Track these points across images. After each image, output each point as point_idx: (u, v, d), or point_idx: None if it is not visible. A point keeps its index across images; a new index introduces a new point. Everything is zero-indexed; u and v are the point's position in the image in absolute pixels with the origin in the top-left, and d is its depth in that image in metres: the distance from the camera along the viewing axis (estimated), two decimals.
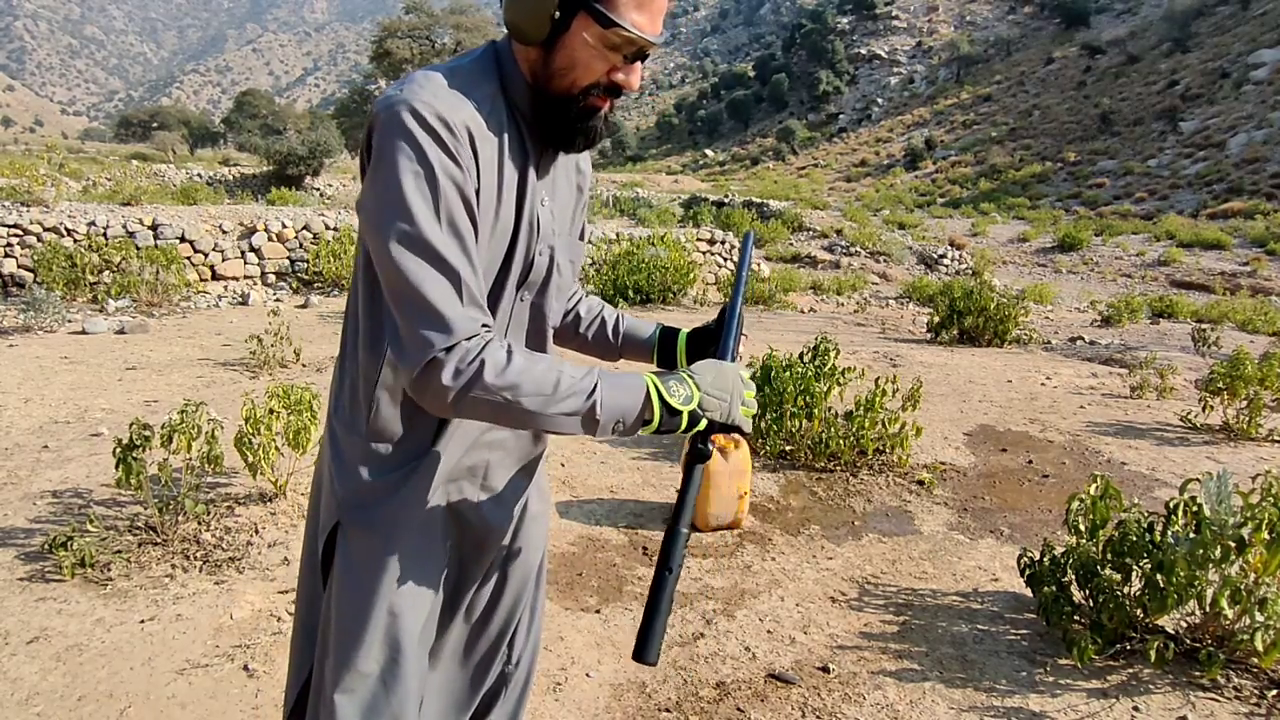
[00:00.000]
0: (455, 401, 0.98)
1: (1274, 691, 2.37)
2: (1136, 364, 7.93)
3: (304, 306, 9.64)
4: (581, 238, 1.32)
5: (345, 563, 1.16)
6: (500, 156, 1.08)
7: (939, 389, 6.44)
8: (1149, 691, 2.38)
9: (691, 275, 11.83)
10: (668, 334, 1.42)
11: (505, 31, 1.11)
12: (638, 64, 1.08)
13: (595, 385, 1.02)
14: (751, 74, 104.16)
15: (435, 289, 0.97)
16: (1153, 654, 2.32)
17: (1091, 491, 2.67)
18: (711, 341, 1.35)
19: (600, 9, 1.01)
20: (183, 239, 10.41)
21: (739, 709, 2.28)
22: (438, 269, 0.98)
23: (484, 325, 1.01)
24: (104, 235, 10.17)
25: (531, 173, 1.12)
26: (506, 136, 1.09)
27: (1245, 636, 2.32)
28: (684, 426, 1.05)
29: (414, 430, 1.16)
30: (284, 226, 11.08)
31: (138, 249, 9.95)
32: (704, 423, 1.07)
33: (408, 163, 0.98)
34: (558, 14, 1.03)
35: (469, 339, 0.98)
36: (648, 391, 1.05)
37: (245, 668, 2.37)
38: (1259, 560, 2.37)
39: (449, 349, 0.97)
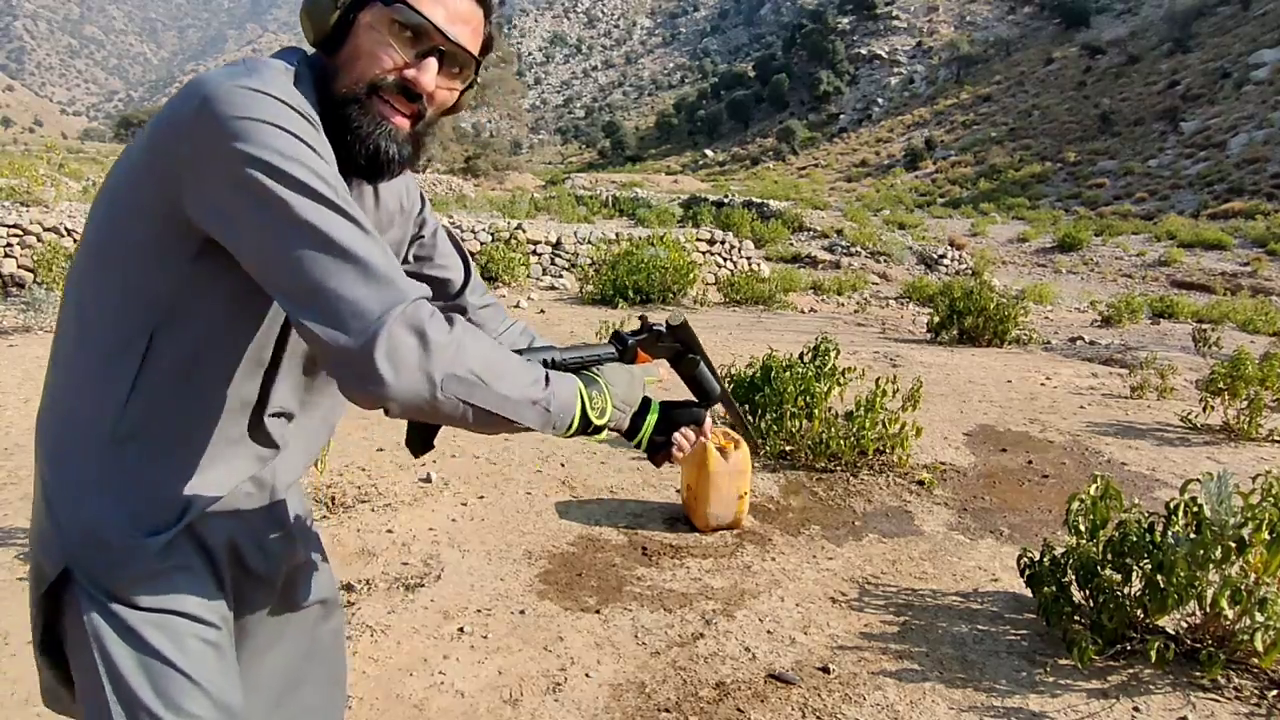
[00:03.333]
0: (418, 384, 0.82)
1: (1274, 691, 2.37)
2: (1137, 364, 7.93)
3: None
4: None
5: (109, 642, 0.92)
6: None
7: (939, 389, 6.44)
8: (1149, 692, 2.38)
9: (691, 275, 11.83)
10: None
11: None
12: (431, 60, 0.95)
13: (545, 375, 0.94)
14: (751, 74, 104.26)
15: (371, 250, 0.84)
16: (1153, 654, 2.32)
17: (1091, 492, 2.68)
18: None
19: None
20: None
21: (739, 709, 2.28)
22: (364, 231, 0.85)
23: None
24: None
25: None
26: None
27: (1245, 637, 2.32)
28: (574, 429, 1.00)
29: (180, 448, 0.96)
30: None
31: None
32: (594, 429, 1.03)
33: (292, 137, 0.85)
34: (346, 5, 0.94)
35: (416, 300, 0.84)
36: (579, 397, 0.99)
37: None
38: (1259, 560, 2.37)
39: (402, 310, 0.82)
